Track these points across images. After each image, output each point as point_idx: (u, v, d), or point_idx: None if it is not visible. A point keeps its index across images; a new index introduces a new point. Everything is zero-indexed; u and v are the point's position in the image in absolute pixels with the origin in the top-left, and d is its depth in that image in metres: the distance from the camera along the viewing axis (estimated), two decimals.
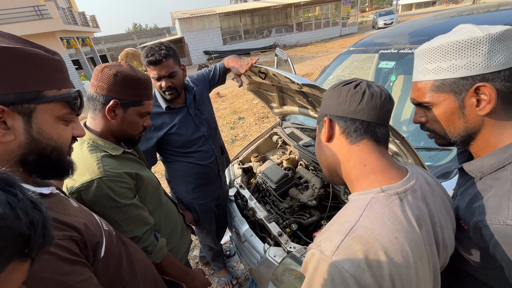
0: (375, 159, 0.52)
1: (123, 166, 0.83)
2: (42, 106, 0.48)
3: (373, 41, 2.01)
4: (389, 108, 0.54)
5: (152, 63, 1.15)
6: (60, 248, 0.45)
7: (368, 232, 0.44)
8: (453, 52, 0.50)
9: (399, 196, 0.48)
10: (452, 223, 0.57)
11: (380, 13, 20.02)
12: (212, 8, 19.13)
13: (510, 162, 0.51)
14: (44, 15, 11.05)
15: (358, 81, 0.55)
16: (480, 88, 0.50)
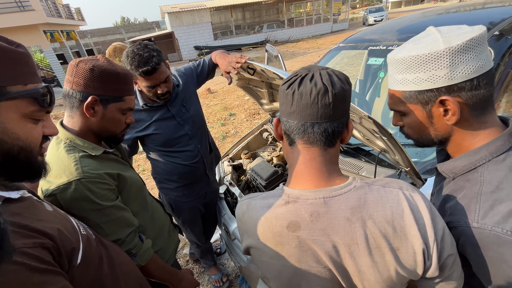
0: (300, 163, 0.54)
1: (103, 166, 0.79)
2: (6, 103, 0.44)
3: (362, 38, 2.01)
4: (325, 102, 0.49)
5: (147, 73, 1.07)
6: (29, 257, 0.41)
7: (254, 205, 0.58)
8: (416, 65, 0.51)
9: (288, 199, 0.53)
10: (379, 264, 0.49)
11: (371, 10, 20.22)
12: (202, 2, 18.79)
13: (480, 164, 0.52)
14: (26, 7, 10.56)
15: (293, 79, 0.52)
16: (445, 101, 0.51)
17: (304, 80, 0.51)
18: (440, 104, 0.52)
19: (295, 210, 0.52)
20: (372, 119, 0.80)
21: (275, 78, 1.18)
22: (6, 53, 0.43)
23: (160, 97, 1.19)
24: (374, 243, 0.48)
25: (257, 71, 1.27)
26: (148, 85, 1.12)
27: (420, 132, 0.59)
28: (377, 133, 0.92)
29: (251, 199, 0.60)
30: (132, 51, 1.08)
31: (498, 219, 0.46)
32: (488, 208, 0.48)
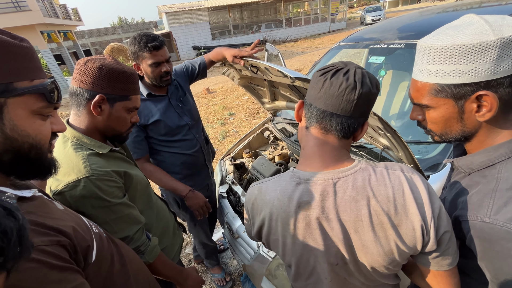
0: (312, 145, 0.58)
1: (110, 164, 0.79)
2: (14, 100, 0.43)
3: (362, 36, 2.02)
4: (350, 98, 0.52)
5: (156, 48, 1.18)
6: (47, 255, 0.41)
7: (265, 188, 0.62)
8: (459, 56, 0.47)
9: (299, 180, 0.57)
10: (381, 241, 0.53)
11: (368, 9, 20.28)
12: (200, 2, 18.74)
13: (499, 160, 0.51)
14: (23, 7, 10.48)
15: (328, 69, 0.55)
16: (482, 96, 0.48)
17: (338, 72, 0.54)
18: (475, 100, 0.49)
19: (306, 190, 0.56)
20: (378, 116, 0.81)
21: (278, 76, 1.18)
22: (11, 48, 0.43)
23: (163, 77, 1.26)
24: (377, 220, 0.52)
25: (261, 70, 1.27)
26: (155, 61, 1.20)
27: (446, 128, 0.56)
28: (381, 130, 0.93)
29: (262, 183, 0.64)
30: (138, 35, 1.21)
31: (511, 216, 0.46)
32: (502, 204, 0.48)
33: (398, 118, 1.92)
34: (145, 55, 1.19)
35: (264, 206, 0.60)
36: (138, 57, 1.22)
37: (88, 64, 0.75)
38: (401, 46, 1.60)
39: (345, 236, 0.55)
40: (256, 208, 0.63)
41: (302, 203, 0.56)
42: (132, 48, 1.21)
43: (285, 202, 0.58)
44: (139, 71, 1.26)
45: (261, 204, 0.61)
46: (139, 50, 1.19)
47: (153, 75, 1.24)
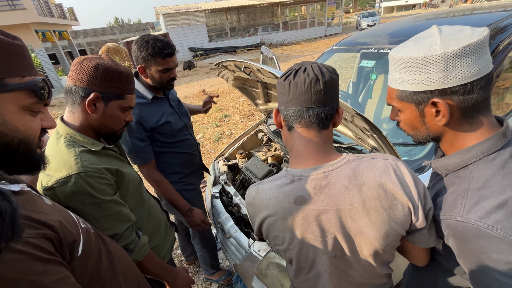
0: (298, 145, 0.62)
1: (102, 162, 0.80)
2: (4, 96, 0.44)
3: (355, 41, 2.06)
4: (317, 89, 0.57)
5: (169, 55, 1.20)
6: (32, 247, 0.42)
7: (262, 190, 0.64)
8: (413, 67, 0.53)
9: (292, 177, 0.60)
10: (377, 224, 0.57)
11: (364, 15, 20.58)
12: (197, 4, 18.79)
13: (471, 162, 0.54)
14: (17, 5, 10.37)
15: (289, 72, 0.60)
16: (437, 103, 0.53)
17: (298, 72, 0.58)
18: (432, 105, 0.54)
19: (300, 186, 0.59)
20: (363, 117, 0.83)
21: (271, 77, 1.21)
22: (3, 45, 0.44)
23: (169, 82, 1.28)
24: (370, 205, 0.56)
25: (253, 71, 1.30)
26: (166, 67, 1.21)
27: (414, 129, 0.62)
28: (368, 130, 0.96)
29: (258, 185, 0.67)
30: (151, 39, 1.18)
31: (481, 214, 0.48)
32: (473, 203, 0.50)
33: (390, 121, 1.96)
34: (158, 60, 1.18)
35: (262, 205, 0.63)
36: (148, 62, 1.19)
37: (84, 62, 0.76)
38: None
39: (342, 226, 0.59)
40: (255, 208, 0.66)
41: (298, 199, 0.59)
42: (143, 52, 1.17)
43: (281, 199, 0.61)
44: (143, 74, 1.24)
45: (259, 204, 0.64)
46: (151, 55, 1.17)
47: (160, 80, 1.24)
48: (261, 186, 0.65)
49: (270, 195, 0.62)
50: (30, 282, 0.40)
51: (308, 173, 0.60)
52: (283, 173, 0.64)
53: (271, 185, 0.63)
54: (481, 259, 0.49)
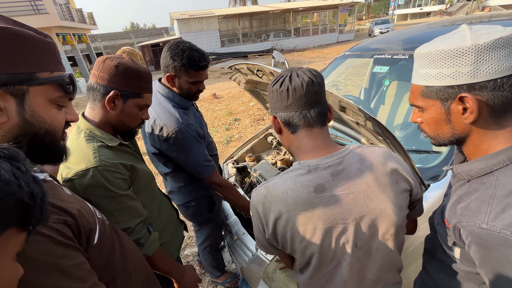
0: (307, 142, 0.65)
1: (118, 157, 0.82)
2: (35, 88, 0.47)
3: (368, 47, 2.05)
4: (313, 90, 0.62)
5: (203, 68, 1.14)
6: (54, 231, 0.44)
7: (274, 184, 0.64)
8: (440, 60, 0.51)
9: (308, 168, 0.62)
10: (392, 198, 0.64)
11: (376, 22, 20.45)
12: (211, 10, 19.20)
13: (498, 168, 0.52)
14: (41, 10, 10.92)
15: (282, 79, 0.64)
16: (464, 98, 0.50)
17: (292, 78, 0.63)
18: (459, 102, 0.51)
19: (318, 174, 0.62)
20: (376, 121, 0.83)
21: None
22: (36, 42, 0.47)
23: (197, 93, 1.23)
24: (382, 181, 0.63)
25: (266, 74, 1.31)
26: (197, 79, 1.16)
27: (437, 130, 0.58)
28: (380, 135, 0.94)
29: (267, 182, 0.66)
30: (188, 48, 1.10)
31: (508, 222, 0.46)
32: (499, 211, 0.48)
33: (402, 128, 1.92)
34: (191, 72, 1.12)
35: (277, 201, 0.62)
36: (179, 72, 1.12)
37: (106, 61, 0.79)
38: (405, 57, 1.63)
39: (363, 208, 0.61)
40: (268, 205, 0.63)
41: (318, 187, 0.61)
42: (177, 61, 1.09)
43: (299, 190, 0.60)
44: (170, 82, 1.17)
45: (273, 200, 0.62)
46: (185, 66, 1.10)
47: (188, 91, 1.19)
48: (271, 183, 0.64)
49: (286, 187, 0.61)
50: (50, 264, 0.43)
51: (324, 161, 0.62)
52: (296, 165, 0.64)
53: (285, 178, 0.63)
54: (506, 269, 0.47)
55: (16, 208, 0.28)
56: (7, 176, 0.27)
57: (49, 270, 0.42)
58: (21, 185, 0.28)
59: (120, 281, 0.63)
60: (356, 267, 0.65)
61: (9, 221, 0.27)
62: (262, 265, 1.28)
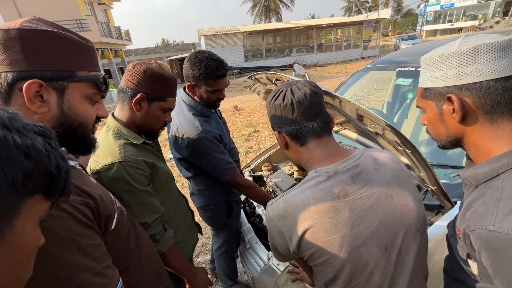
0: (318, 152, 0.65)
1: (141, 154, 0.88)
2: (74, 85, 0.54)
3: (391, 59, 2.02)
4: (317, 101, 0.64)
5: (221, 77, 1.17)
6: (77, 211, 0.49)
7: (292, 196, 0.61)
8: (433, 64, 0.56)
9: (327, 174, 0.61)
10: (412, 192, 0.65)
11: (403, 38, 19.98)
12: (236, 27, 20.06)
13: (503, 171, 0.51)
14: (85, 28, 12.15)
15: (282, 93, 0.64)
16: (451, 98, 0.53)
17: (293, 90, 0.64)
18: (449, 102, 0.55)
19: (339, 179, 0.61)
20: (395, 129, 0.81)
21: None
22: (78, 45, 0.55)
23: (217, 102, 1.26)
24: (399, 176, 0.64)
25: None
26: (216, 88, 1.19)
27: (436, 130, 0.62)
28: (400, 145, 0.91)
29: (284, 195, 0.63)
30: (206, 58, 1.13)
31: None
32: (506, 212, 0.47)
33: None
34: (209, 81, 1.15)
35: (299, 212, 0.59)
36: (198, 81, 1.16)
37: (136, 66, 0.87)
38: None
39: (387, 207, 0.61)
40: (289, 219, 0.59)
41: (340, 192, 0.60)
42: (195, 71, 1.13)
43: (322, 198, 0.59)
44: (191, 91, 1.22)
45: (294, 212, 0.59)
46: (203, 75, 1.13)
47: (208, 100, 1.22)
48: (289, 195, 0.61)
49: (307, 197, 0.59)
50: (71, 240, 0.46)
51: (342, 166, 0.62)
52: (314, 174, 0.63)
53: (303, 188, 0.61)
54: None
55: (45, 176, 0.31)
56: (40, 147, 0.30)
57: (69, 245, 0.46)
58: (50, 157, 0.31)
59: (132, 271, 0.66)
60: (388, 271, 0.62)
61: (37, 186, 0.31)
62: (273, 276, 1.25)
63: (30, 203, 0.30)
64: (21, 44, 0.47)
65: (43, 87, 0.49)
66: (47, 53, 0.49)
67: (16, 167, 0.28)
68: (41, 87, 0.49)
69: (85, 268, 0.47)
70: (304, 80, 0.66)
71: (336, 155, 0.65)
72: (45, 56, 0.49)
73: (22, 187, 0.28)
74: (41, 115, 0.50)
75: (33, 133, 0.31)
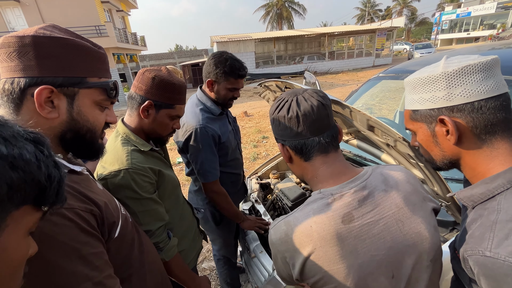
0: (323, 170, 0.60)
1: (148, 161, 0.88)
2: (84, 91, 0.54)
3: (405, 68, 1.98)
4: (324, 114, 0.58)
5: (242, 76, 1.24)
6: (80, 218, 0.48)
7: (294, 219, 0.57)
8: (420, 86, 0.55)
9: (332, 196, 0.56)
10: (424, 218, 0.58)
11: (417, 46, 19.67)
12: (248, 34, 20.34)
13: (499, 192, 0.50)
14: (103, 33, 12.63)
15: (287, 104, 0.59)
16: (444, 120, 0.53)
17: (299, 102, 0.58)
18: (441, 124, 0.54)
19: (344, 203, 0.55)
20: (407, 141, 0.78)
21: None
22: (90, 52, 0.55)
23: (231, 100, 1.31)
24: (412, 201, 0.58)
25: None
26: (234, 87, 1.25)
27: (429, 152, 0.61)
28: (412, 158, 0.88)
29: (286, 217, 0.59)
30: (230, 58, 1.21)
31: None
32: (503, 237, 0.45)
33: None
34: (230, 79, 1.21)
35: (302, 238, 0.55)
36: (220, 78, 1.21)
37: (145, 73, 0.88)
38: None
39: (396, 234, 0.55)
40: (292, 244, 0.56)
41: (345, 217, 0.54)
42: (220, 68, 1.19)
43: (325, 223, 0.54)
44: (209, 87, 1.26)
45: (296, 237, 0.55)
46: (226, 73, 1.19)
47: (225, 97, 1.27)
48: (291, 217, 0.57)
49: (309, 221, 0.55)
50: (72, 248, 0.46)
51: (348, 187, 0.57)
52: (317, 195, 0.58)
53: (306, 211, 0.56)
54: None
55: (33, 187, 0.30)
56: (28, 156, 0.29)
57: (70, 253, 0.45)
58: (40, 167, 0.30)
59: (135, 279, 0.65)
60: None
61: (25, 198, 0.29)
62: (277, 287, 1.22)
63: (17, 215, 0.29)
64: (34, 50, 0.48)
65: (54, 93, 0.50)
66: (59, 60, 0.50)
67: (1, 178, 0.26)
68: (52, 93, 0.50)
69: (85, 277, 0.46)
70: (312, 89, 0.61)
71: (343, 174, 0.59)
72: (57, 62, 0.50)
73: (7, 199, 0.27)
74: (51, 121, 0.51)
75: (24, 140, 0.30)
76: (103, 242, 0.53)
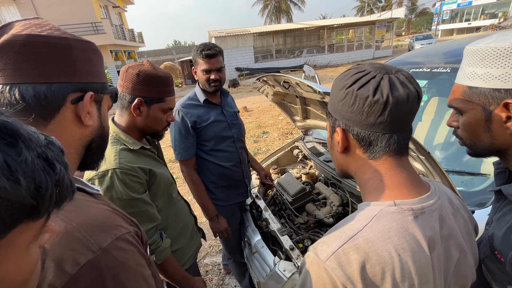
0: (394, 174, 0.46)
1: (138, 160, 0.86)
2: (106, 96, 0.53)
3: (405, 60, 1.95)
4: (415, 109, 0.44)
5: (208, 56, 1.29)
6: (136, 241, 0.46)
7: (369, 244, 0.41)
8: (490, 59, 0.44)
9: (413, 212, 0.43)
10: (474, 251, 0.50)
11: (418, 37, 19.40)
12: (247, 28, 20.11)
13: None
14: (100, 30, 12.53)
15: (375, 83, 0.43)
16: (510, 105, 0.43)
17: (393, 85, 0.43)
18: (504, 108, 0.45)
19: (427, 223, 0.43)
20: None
21: (309, 92, 1.20)
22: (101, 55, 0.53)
23: (211, 83, 1.35)
24: (469, 230, 0.51)
25: (292, 85, 1.31)
26: (205, 68, 1.31)
27: (474, 137, 0.52)
28: (413, 151, 0.87)
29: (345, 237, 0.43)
30: (200, 44, 1.33)
31: None
32: None
33: (443, 148, 1.75)
34: (199, 61, 1.31)
35: (388, 272, 0.40)
36: (195, 62, 1.35)
37: (128, 71, 0.85)
38: (446, 70, 1.51)
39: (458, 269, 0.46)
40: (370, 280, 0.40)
41: (431, 242, 0.42)
42: (192, 54, 1.35)
43: (414, 249, 0.41)
44: (195, 75, 1.39)
45: (382, 271, 0.40)
46: (195, 56, 1.32)
47: (202, 80, 1.35)
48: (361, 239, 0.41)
49: (394, 247, 0.40)
50: (138, 272, 0.44)
51: (428, 203, 0.44)
52: (392, 208, 0.43)
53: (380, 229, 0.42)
54: None
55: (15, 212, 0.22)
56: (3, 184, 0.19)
57: (138, 278, 0.44)
58: (19, 181, 0.21)
59: None
60: None
61: (11, 223, 0.22)
62: (279, 282, 1.22)
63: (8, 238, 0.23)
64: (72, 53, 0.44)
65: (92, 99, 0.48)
66: (92, 64, 0.48)
67: None
68: (92, 98, 0.48)
69: None
70: (404, 70, 0.46)
71: (418, 185, 0.46)
72: (91, 67, 0.48)
73: None
74: (84, 129, 0.48)
75: None
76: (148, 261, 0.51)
